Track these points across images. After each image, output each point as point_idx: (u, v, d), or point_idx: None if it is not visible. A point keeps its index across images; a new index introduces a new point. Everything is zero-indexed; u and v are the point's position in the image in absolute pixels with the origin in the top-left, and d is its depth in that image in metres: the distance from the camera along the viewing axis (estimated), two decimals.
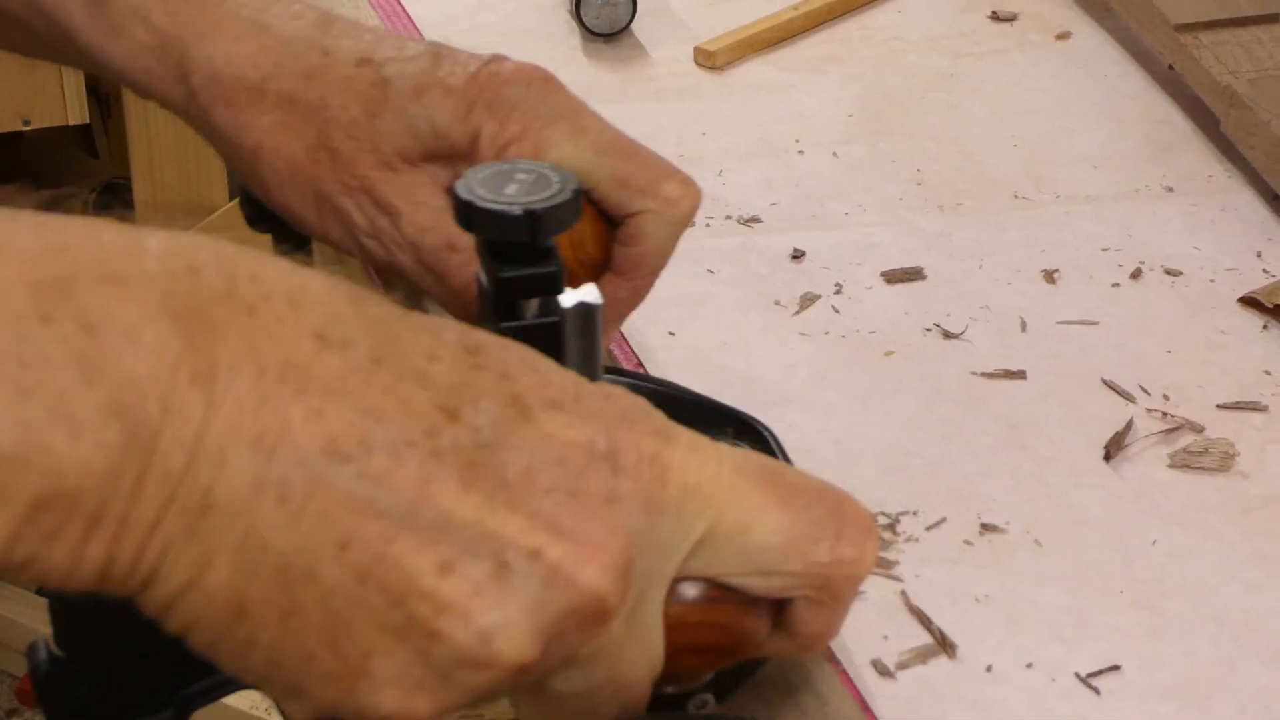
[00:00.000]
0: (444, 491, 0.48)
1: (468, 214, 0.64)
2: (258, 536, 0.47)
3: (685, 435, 0.54)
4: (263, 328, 0.48)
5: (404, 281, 0.80)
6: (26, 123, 2.20)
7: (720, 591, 0.56)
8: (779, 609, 0.58)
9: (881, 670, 0.69)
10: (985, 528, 0.76)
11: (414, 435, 0.48)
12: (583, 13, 1.14)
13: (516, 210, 0.63)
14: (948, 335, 0.89)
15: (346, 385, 0.48)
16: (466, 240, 0.76)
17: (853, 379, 0.86)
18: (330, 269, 0.77)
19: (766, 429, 0.73)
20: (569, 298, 0.65)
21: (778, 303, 0.91)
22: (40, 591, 2.20)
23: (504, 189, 0.64)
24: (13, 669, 2.16)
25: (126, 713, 0.74)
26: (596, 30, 1.14)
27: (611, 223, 0.78)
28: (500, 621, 0.48)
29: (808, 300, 0.91)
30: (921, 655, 0.70)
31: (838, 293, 0.92)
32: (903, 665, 0.69)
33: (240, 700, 1.92)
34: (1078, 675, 0.69)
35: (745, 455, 0.55)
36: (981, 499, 0.78)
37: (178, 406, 0.46)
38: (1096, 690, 0.68)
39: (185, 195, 2.32)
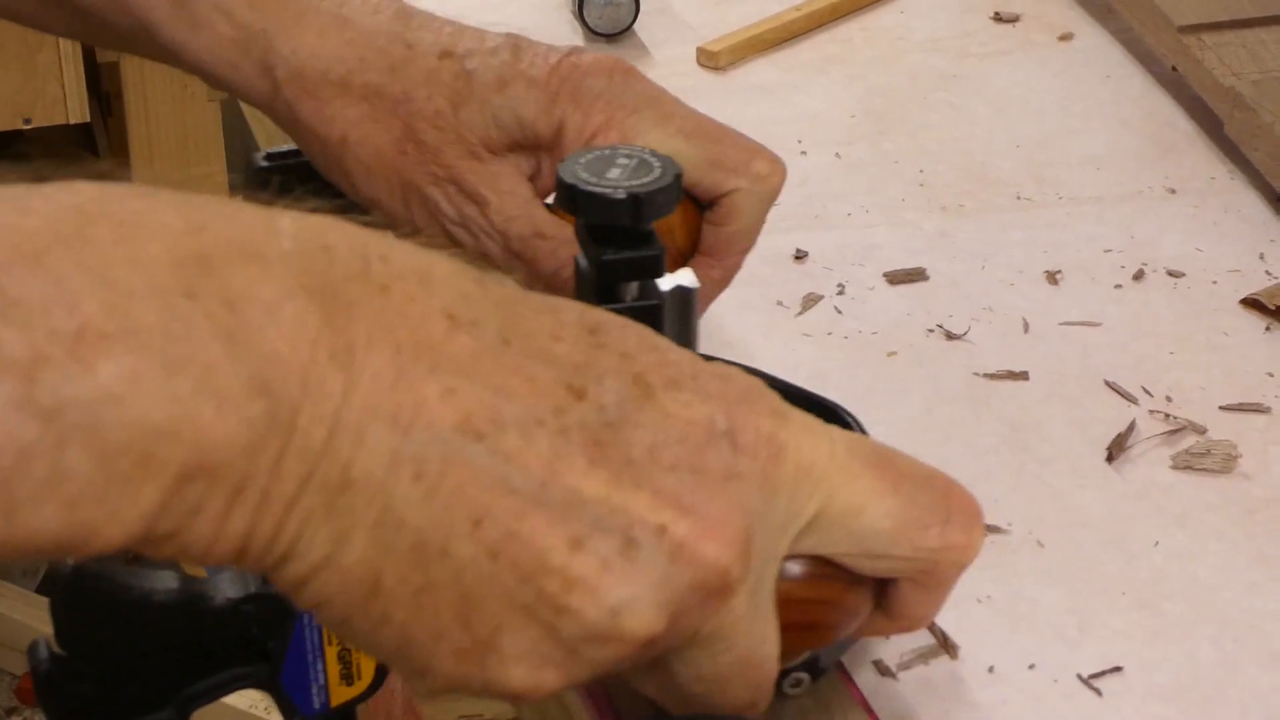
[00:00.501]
0: (572, 469, 0.49)
1: (571, 197, 0.65)
2: (395, 513, 0.48)
3: (799, 416, 0.54)
4: (396, 307, 0.48)
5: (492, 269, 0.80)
6: (27, 121, 2.20)
7: (828, 569, 0.57)
8: (882, 589, 0.58)
9: (883, 670, 0.69)
10: (987, 528, 0.76)
11: (543, 413, 0.49)
12: (585, 13, 1.14)
13: (620, 194, 0.64)
14: (950, 336, 0.89)
15: (477, 364, 0.49)
16: (554, 228, 0.77)
17: (855, 379, 0.85)
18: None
19: (852, 416, 0.73)
20: (666, 281, 0.66)
21: (780, 303, 0.91)
22: (41, 590, 2.20)
23: (606, 173, 0.65)
24: (12, 667, 2.16)
25: (127, 712, 0.74)
26: (599, 30, 1.14)
27: (699, 207, 0.78)
28: (628, 597, 0.49)
29: (810, 301, 0.91)
30: (923, 656, 0.70)
31: (840, 293, 0.92)
32: (905, 666, 0.69)
33: (240, 700, 1.92)
34: (1080, 676, 0.69)
35: (857, 439, 0.56)
36: (984, 500, 0.77)
37: (317, 383, 0.47)
38: (1098, 691, 0.68)
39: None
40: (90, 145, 2.51)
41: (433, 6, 1.16)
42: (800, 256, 0.95)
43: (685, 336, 0.67)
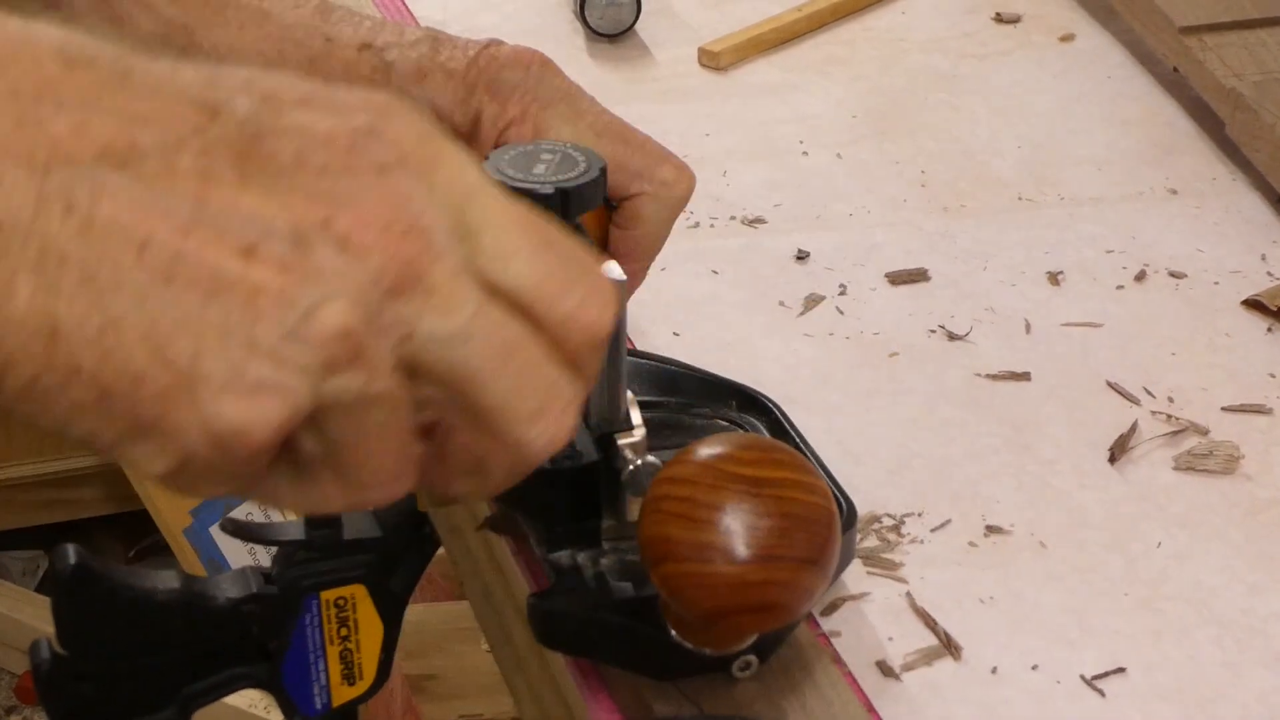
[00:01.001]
0: (224, 183, 0.49)
1: None
2: (54, 250, 0.47)
3: (453, 142, 0.53)
4: (0, 58, 0.48)
5: None
6: None
7: (780, 550, 0.59)
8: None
9: (886, 671, 0.69)
10: (990, 529, 0.76)
11: (182, 134, 0.49)
12: (587, 13, 1.14)
13: (548, 189, 0.64)
14: (952, 337, 0.89)
15: (104, 96, 0.48)
16: None
17: (857, 380, 0.85)
18: None
19: (771, 401, 0.73)
20: None
21: (782, 304, 0.91)
22: (42, 590, 2.20)
23: (532, 169, 0.65)
24: (12, 666, 2.16)
25: (128, 711, 0.74)
26: (601, 31, 1.14)
27: (607, 206, 0.78)
28: (315, 293, 0.48)
29: (812, 301, 0.91)
30: (927, 657, 0.70)
31: (842, 294, 0.92)
32: (908, 667, 0.69)
33: (240, 699, 1.92)
34: (1083, 677, 0.69)
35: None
36: (986, 501, 0.78)
37: None
38: (1101, 692, 0.68)
39: None
40: None
41: (435, 6, 1.17)
42: (802, 257, 0.95)
43: (615, 330, 0.67)
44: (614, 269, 0.67)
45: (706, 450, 0.62)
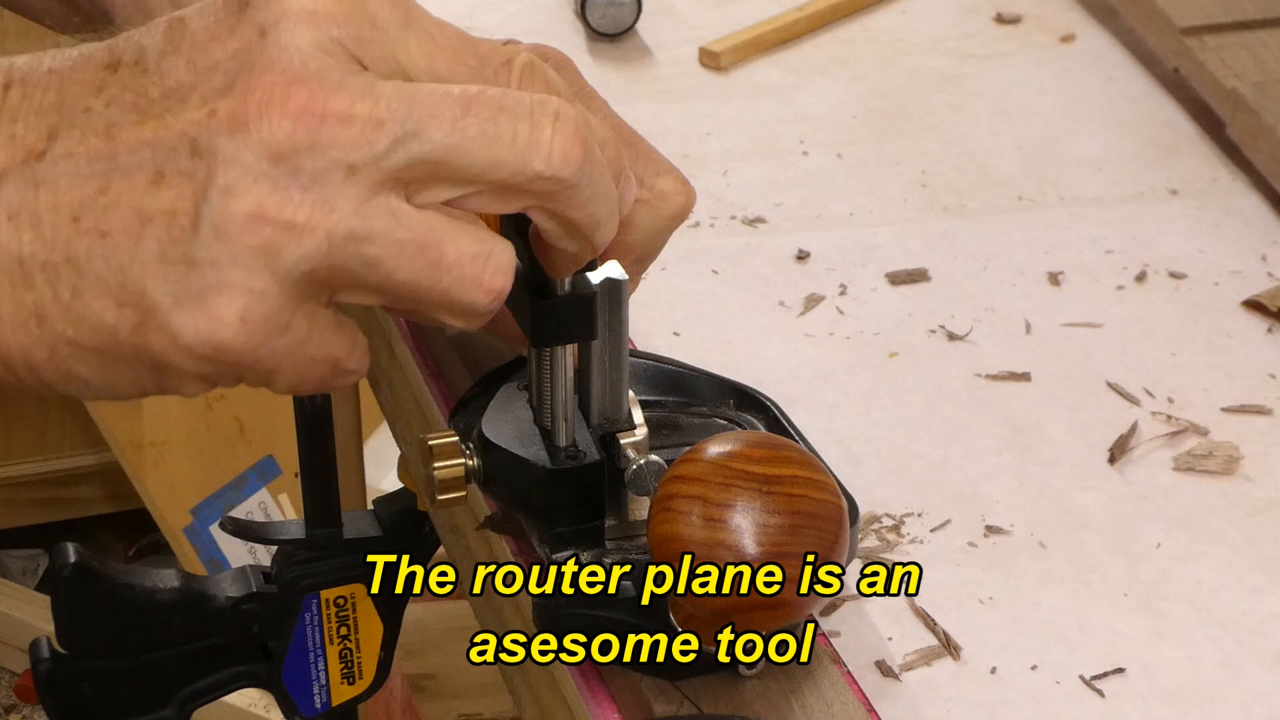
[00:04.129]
0: (126, 127, 0.53)
1: None
2: (11, 255, 0.52)
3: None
4: None
5: None
6: None
7: (790, 546, 0.59)
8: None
9: (886, 671, 0.69)
10: (989, 530, 0.76)
11: (87, 102, 0.53)
12: (588, 13, 1.14)
13: None
14: (952, 337, 0.89)
15: (20, 105, 0.53)
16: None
17: (857, 380, 0.86)
18: None
19: (770, 400, 0.74)
20: (596, 274, 0.66)
21: (782, 303, 0.91)
22: (42, 588, 2.20)
23: None
24: (12, 665, 2.16)
25: (128, 710, 0.74)
26: (601, 30, 1.14)
27: None
28: (214, 190, 0.51)
29: (812, 301, 0.91)
30: (926, 657, 0.70)
31: (842, 294, 0.92)
32: (907, 667, 0.69)
33: (240, 699, 1.92)
34: (1082, 678, 0.69)
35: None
36: (985, 501, 0.78)
37: None
38: (1101, 693, 0.68)
39: None
40: None
41: (435, 6, 1.17)
42: (802, 257, 0.95)
43: (616, 327, 0.67)
44: (615, 268, 0.67)
45: (716, 448, 0.62)
